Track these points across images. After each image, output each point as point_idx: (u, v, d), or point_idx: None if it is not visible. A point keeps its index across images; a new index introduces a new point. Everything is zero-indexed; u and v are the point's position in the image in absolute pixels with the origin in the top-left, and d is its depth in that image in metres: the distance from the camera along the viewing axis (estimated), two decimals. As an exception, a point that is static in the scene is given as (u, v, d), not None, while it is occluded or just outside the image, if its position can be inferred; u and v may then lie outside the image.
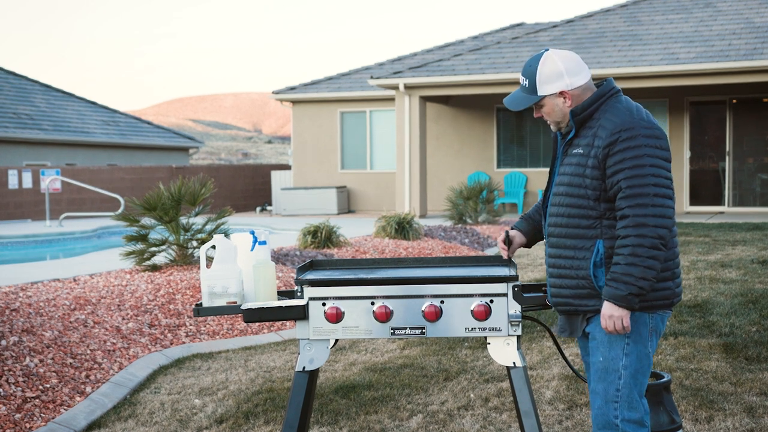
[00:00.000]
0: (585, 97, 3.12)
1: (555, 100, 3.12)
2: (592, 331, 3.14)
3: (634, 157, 2.96)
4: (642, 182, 2.95)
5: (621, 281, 2.95)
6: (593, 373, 3.14)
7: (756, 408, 4.73)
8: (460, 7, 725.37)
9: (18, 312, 6.32)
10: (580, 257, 3.09)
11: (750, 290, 8.12)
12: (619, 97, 3.12)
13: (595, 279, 3.06)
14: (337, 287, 3.44)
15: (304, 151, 22.22)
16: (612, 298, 2.97)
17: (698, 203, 19.29)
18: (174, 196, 8.88)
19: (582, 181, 3.06)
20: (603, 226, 3.06)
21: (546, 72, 3.10)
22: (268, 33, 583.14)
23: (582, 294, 3.11)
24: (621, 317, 2.98)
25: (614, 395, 3.09)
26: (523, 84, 3.16)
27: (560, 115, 3.15)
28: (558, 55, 3.11)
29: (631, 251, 2.94)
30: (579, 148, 3.10)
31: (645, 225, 2.94)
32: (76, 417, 4.93)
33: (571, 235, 3.11)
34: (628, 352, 3.09)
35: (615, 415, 3.09)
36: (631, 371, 3.09)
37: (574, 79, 3.10)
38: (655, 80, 17.06)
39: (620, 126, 3.00)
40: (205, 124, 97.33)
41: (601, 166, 3.02)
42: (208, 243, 3.59)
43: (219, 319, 7.34)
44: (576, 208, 3.09)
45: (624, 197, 2.97)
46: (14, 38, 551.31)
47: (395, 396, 5.19)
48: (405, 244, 11.86)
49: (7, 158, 23.20)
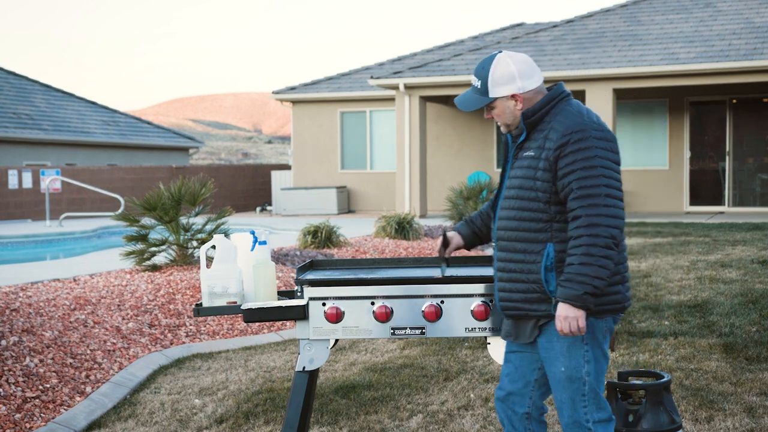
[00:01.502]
0: (536, 100, 3.11)
1: (506, 102, 3.11)
2: (549, 340, 3.11)
3: (585, 159, 2.96)
4: (593, 183, 2.95)
5: (575, 281, 2.94)
6: (556, 383, 3.13)
7: (756, 408, 4.73)
8: (460, 7, 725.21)
9: (18, 312, 6.32)
10: (530, 261, 3.07)
11: (750, 290, 8.12)
12: (570, 100, 3.12)
13: (546, 283, 3.04)
14: (337, 287, 3.44)
15: (304, 151, 22.22)
16: (567, 298, 2.95)
17: (698, 203, 19.28)
18: (174, 196, 8.88)
19: (533, 183, 3.05)
20: (553, 229, 3.05)
21: (498, 74, 3.09)
22: (269, 33, 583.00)
23: (532, 298, 3.08)
24: (576, 318, 2.96)
25: (582, 401, 3.11)
26: (475, 85, 3.15)
27: (511, 117, 3.14)
28: (511, 57, 3.10)
29: (584, 251, 2.93)
30: (530, 151, 3.09)
31: (598, 225, 2.94)
32: (76, 417, 4.93)
33: (521, 238, 3.09)
34: (589, 359, 3.10)
35: (586, 419, 3.11)
36: (594, 375, 3.11)
37: (527, 82, 3.09)
38: (655, 80, 17.06)
39: (571, 128, 3.00)
40: (205, 124, 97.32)
41: (552, 168, 3.01)
42: (208, 243, 3.59)
43: (219, 319, 7.34)
44: (527, 211, 3.07)
45: (576, 198, 2.96)
46: (14, 38, 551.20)
47: (395, 396, 5.19)
48: (405, 244, 11.86)
49: (7, 158, 23.20)
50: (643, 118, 19.64)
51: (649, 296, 8.03)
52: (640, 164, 19.59)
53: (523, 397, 3.27)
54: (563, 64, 17.72)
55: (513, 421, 3.29)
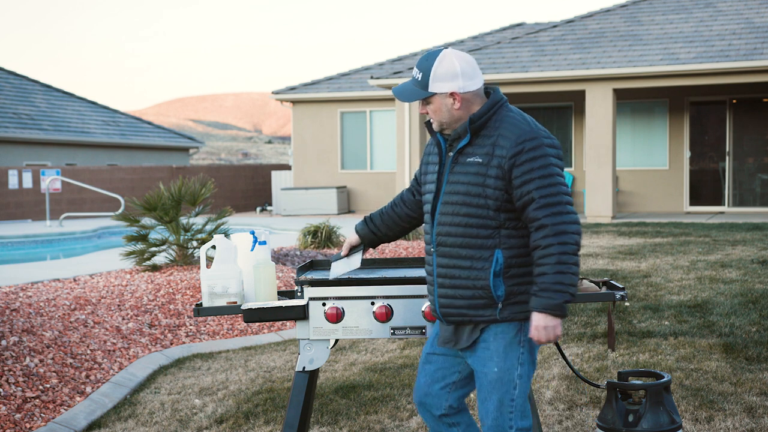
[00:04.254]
0: (474, 103, 3.09)
1: (444, 99, 3.07)
2: (486, 340, 3.09)
3: (542, 167, 2.97)
4: (554, 191, 2.97)
5: (553, 290, 2.93)
6: (486, 383, 3.10)
7: (756, 408, 4.73)
8: (460, 7, 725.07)
9: (18, 312, 6.32)
10: (478, 267, 3.04)
11: (750, 290, 8.12)
12: (509, 106, 3.12)
13: (494, 289, 3.03)
14: (337, 287, 3.44)
15: (305, 151, 22.22)
16: (547, 308, 2.94)
17: (698, 203, 19.28)
18: (174, 196, 8.88)
19: (482, 191, 3.02)
20: (501, 236, 3.03)
21: (442, 70, 3.05)
22: (269, 33, 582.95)
23: (478, 304, 3.06)
24: (555, 326, 2.97)
25: (510, 405, 3.08)
26: (416, 77, 3.10)
27: (446, 115, 3.09)
28: (456, 56, 3.07)
29: (557, 260, 2.93)
30: (476, 157, 3.04)
31: (565, 232, 2.95)
32: (76, 417, 4.93)
33: (467, 245, 3.05)
34: (523, 361, 3.09)
35: (510, 425, 3.08)
36: (525, 379, 3.10)
37: (468, 82, 3.06)
38: (655, 80, 17.06)
39: (523, 136, 2.99)
40: (206, 124, 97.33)
41: (505, 176, 2.99)
42: (209, 243, 3.59)
43: (219, 319, 7.34)
44: (474, 218, 3.04)
45: (539, 207, 2.95)
46: (14, 38, 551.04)
47: (395, 396, 5.19)
48: (405, 244, 11.86)
49: (8, 158, 23.20)
50: (643, 118, 19.64)
51: (649, 296, 8.03)
52: (640, 164, 19.59)
53: (440, 399, 3.25)
54: (563, 64, 17.72)
55: (429, 422, 3.32)
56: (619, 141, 19.40)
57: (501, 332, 3.07)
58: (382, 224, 3.47)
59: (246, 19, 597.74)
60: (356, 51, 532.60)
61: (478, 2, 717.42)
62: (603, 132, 17.20)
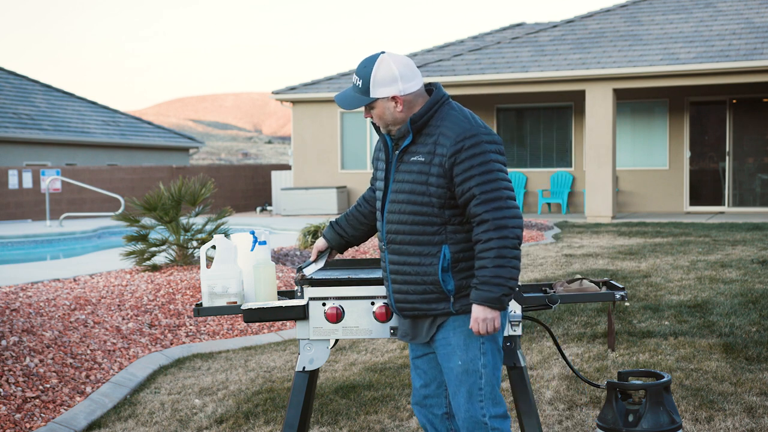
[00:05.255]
0: (417, 103, 3.12)
1: (387, 103, 3.11)
2: (446, 336, 3.16)
3: (482, 164, 3.01)
4: (494, 187, 3.01)
5: (492, 284, 2.99)
6: (453, 378, 3.16)
7: (756, 408, 4.73)
8: (460, 7, 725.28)
9: (18, 312, 6.32)
10: (426, 263, 3.10)
11: (750, 290, 8.12)
12: (452, 104, 3.15)
13: (443, 283, 3.09)
14: (337, 287, 3.44)
15: (305, 151, 22.23)
16: (485, 301, 3.00)
17: (698, 203, 19.28)
18: (174, 196, 8.88)
19: (426, 189, 3.07)
20: (448, 231, 3.09)
21: (380, 75, 3.09)
22: (269, 33, 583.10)
23: (430, 299, 3.13)
24: (493, 319, 3.02)
25: (478, 395, 3.14)
26: (356, 84, 3.14)
27: (391, 118, 3.13)
28: (393, 59, 3.10)
29: (497, 253, 2.98)
30: (419, 156, 3.10)
31: (505, 227, 2.99)
32: (76, 417, 4.93)
33: (415, 242, 3.12)
34: (485, 351, 3.14)
35: (482, 414, 3.14)
36: (491, 368, 3.15)
37: (408, 84, 3.10)
38: (655, 80, 17.06)
39: (462, 134, 3.03)
40: (206, 124, 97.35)
41: (447, 174, 3.04)
42: (209, 243, 3.59)
43: (219, 319, 7.34)
44: (420, 215, 3.10)
45: (480, 203, 3.00)
46: (14, 38, 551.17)
47: (395, 396, 5.19)
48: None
49: (8, 158, 23.20)
50: (643, 118, 19.64)
51: (649, 296, 8.03)
52: (640, 164, 19.59)
53: (439, 398, 3.34)
54: (563, 64, 17.72)
55: (434, 423, 3.36)
56: (619, 141, 19.40)
57: (459, 326, 3.13)
58: (347, 226, 3.52)
59: (246, 19, 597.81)
60: (356, 51, 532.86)
61: (478, 2, 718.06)
62: (603, 132, 17.21)
